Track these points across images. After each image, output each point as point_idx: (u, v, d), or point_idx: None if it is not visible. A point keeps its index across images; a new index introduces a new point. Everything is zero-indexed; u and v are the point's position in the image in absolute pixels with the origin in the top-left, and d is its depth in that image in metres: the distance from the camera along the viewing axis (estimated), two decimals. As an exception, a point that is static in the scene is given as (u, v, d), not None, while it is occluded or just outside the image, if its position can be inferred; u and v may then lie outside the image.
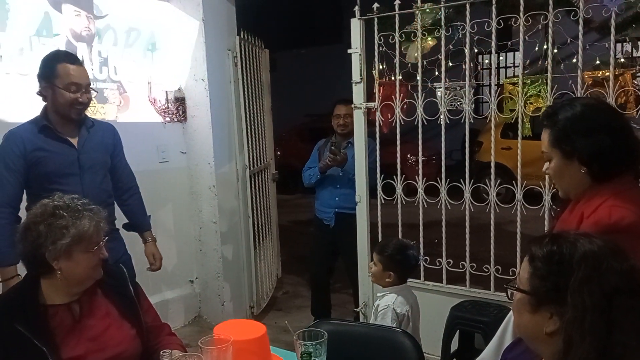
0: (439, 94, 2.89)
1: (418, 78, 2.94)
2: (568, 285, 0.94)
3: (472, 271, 2.97)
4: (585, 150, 1.45)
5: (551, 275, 0.97)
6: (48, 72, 2.27)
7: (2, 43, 2.83)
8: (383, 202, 3.21)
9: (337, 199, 3.57)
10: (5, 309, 1.51)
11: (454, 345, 2.81)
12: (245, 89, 3.92)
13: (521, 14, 2.61)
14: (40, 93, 2.32)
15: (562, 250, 0.98)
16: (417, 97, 2.95)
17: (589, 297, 0.91)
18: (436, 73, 2.89)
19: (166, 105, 3.73)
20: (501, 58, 10.16)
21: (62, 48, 3.12)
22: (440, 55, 2.85)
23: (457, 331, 2.78)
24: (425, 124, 3.00)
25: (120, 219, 2.62)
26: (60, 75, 2.25)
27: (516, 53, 2.83)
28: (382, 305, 2.32)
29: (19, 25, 2.90)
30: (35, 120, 2.34)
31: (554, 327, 0.97)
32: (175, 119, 3.78)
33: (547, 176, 2.56)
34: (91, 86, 2.36)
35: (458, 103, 2.85)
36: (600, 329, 0.90)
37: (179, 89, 3.79)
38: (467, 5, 2.74)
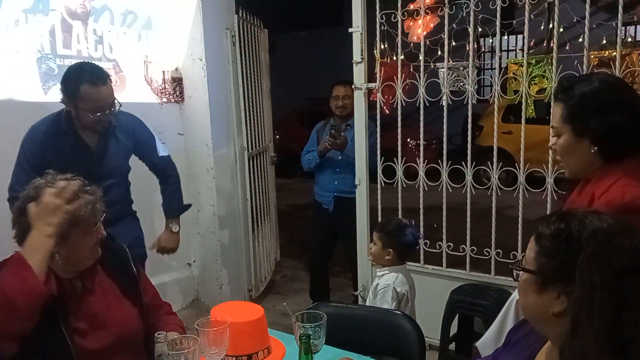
0: (441, 74, 2.84)
1: (420, 58, 2.88)
2: (576, 263, 0.90)
3: (472, 255, 2.94)
4: (599, 130, 1.39)
5: (559, 254, 0.94)
6: (70, 91, 2.21)
7: (-3, 20, 2.78)
8: (383, 185, 3.18)
9: (336, 182, 3.54)
10: None
11: (454, 328, 2.80)
12: (244, 70, 3.85)
13: (528, -8, 2.54)
14: (62, 102, 2.28)
15: (570, 227, 0.95)
16: (419, 78, 2.90)
17: (598, 275, 0.87)
18: (439, 53, 2.83)
19: (163, 86, 3.66)
20: (504, 39, 10.08)
21: (58, 25, 3.07)
22: (444, 35, 2.79)
23: (457, 315, 2.76)
24: (427, 105, 2.95)
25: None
26: (83, 98, 2.19)
27: (519, 36, 2.77)
28: (382, 284, 2.30)
29: (14, 1, 2.84)
30: (57, 121, 2.31)
31: (561, 307, 0.93)
32: (172, 100, 3.72)
33: (550, 159, 2.53)
34: (116, 100, 2.30)
35: (461, 84, 2.79)
36: (609, 309, 0.86)
37: (176, 68, 3.72)
38: (472, -17, 2.68)
